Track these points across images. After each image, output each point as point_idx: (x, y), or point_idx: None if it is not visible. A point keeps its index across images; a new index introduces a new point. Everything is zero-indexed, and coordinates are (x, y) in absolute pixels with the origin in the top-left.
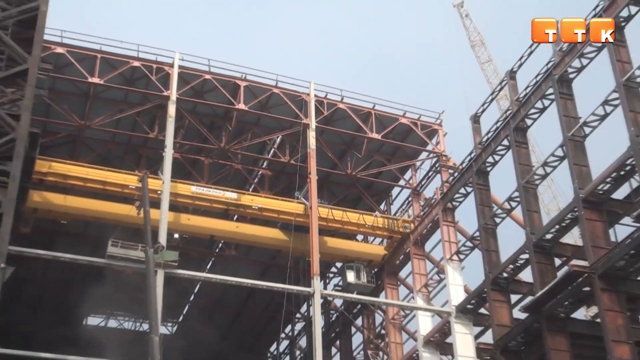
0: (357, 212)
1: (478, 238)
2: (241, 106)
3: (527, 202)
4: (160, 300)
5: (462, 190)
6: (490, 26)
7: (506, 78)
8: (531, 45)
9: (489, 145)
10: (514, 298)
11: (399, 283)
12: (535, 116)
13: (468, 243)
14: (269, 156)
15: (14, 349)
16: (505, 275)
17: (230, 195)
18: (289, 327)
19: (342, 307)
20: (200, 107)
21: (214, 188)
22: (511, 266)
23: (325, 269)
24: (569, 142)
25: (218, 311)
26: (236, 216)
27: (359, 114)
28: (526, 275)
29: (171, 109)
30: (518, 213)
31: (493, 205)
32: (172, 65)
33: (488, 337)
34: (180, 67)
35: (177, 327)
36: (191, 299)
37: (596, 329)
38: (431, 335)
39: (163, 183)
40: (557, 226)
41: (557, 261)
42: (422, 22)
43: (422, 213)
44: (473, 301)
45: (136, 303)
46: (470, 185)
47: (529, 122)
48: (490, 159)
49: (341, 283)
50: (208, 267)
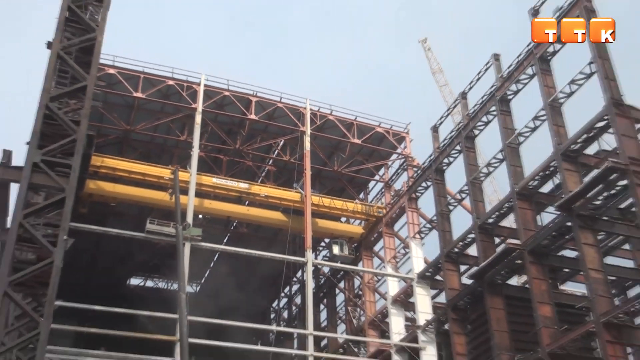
0: (342, 200)
1: (435, 221)
2: (252, 116)
3: (474, 194)
4: (186, 266)
5: (424, 184)
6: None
7: (459, 98)
8: (479, 72)
9: (445, 149)
10: (463, 268)
11: (373, 255)
12: (481, 127)
13: (427, 225)
14: (274, 156)
15: (74, 303)
16: (456, 250)
17: (243, 185)
18: (287, 289)
19: (329, 273)
20: (220, 117)
21: (230, 180)
22: (461, 243)
23: (316, 244)
24: (507, 148)
25: (232, 275)
26: (247, 202)
27: (344, 124)
28: (472, 250)
29: (197, 118)
30: (467, 202)
31: (447, 196)
32: (199, 84)
33: (442, 298)
34: (205, 86)
35: (200, 287)
36: (211, 266)
37: (525, 293)
38: (398, 295)
39: (190, 175)
40: (497, 213)
41: (497, 240)
42: (401, 50)
43: (392, 201)
44: (430, 270)
45: (168, 268)
46: (430, 180)
47: (476, 132)
48: (445, 160)
49: (328, 254)
50: (225, 241)
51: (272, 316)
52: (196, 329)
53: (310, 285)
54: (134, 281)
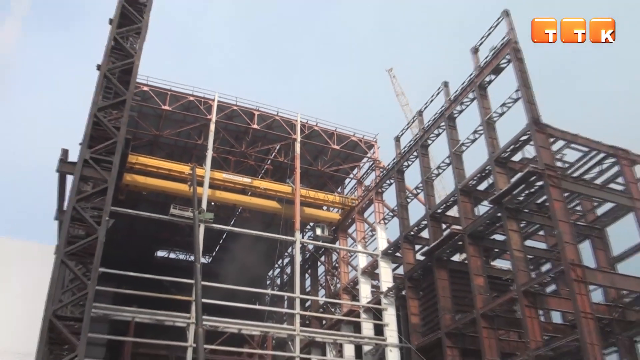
0: (323, 193)
1: (396, 210)
2: (255, 126)
3: (427, 190)
4: (201, 242)
5: (388, 181)
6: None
7: (417, 115)
8: (432, 95)
9: (405, 155)
10: (417, 247)
11: (347, 236)
12: (433, 138)
13: (390, 213)
14: (271, 157)
15: (113, 270)
16: (412, 233)
17: (246, 180)
18: (280, 261)
19: (313, 250)
20: (229, 126)
21: (237, 175)
22: (416, 228)
23: (303, 226)
24: (453, 155)
25: (237, 250)
26: (250, 192)
27: (327, 133)
28: (425, 233)
29: (212, 127)
30: (421, 196)
31: (406, 191)
32: (214, 100)
33: (400, 270)
34: (218, 102)
35: (212, 259)
36: (220, 242)
37: (465, 267)
38: (366, 268)
39: (205, 171)
40: (444, 205)
41: (444, 226)
42: (374, 77)
43: (363, 194)
44: (392, 248)
45: (187, 243)
46: (392, 178)
47: (430, 142)
48: (405, 163)
49: (312, 235)
50: (232, 223)
51: (268, 282)
52: (208, 292)
53: (298, 258)
54: (160, 253)
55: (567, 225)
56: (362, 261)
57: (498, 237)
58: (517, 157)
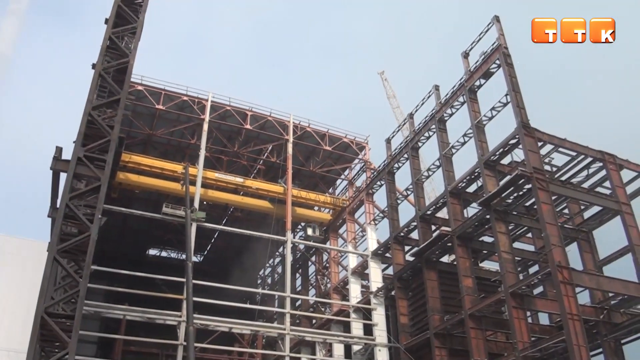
0: (315, 193)
1: (387, 211)
2: (248, 126)
3: (417, 191)
4: (193, 240)
5: (378, 182)
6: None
7: (407, 117)
8: (423, 98)
9: (395, 156)
10: (407, 248)
11: (338, 236)
12: (423, 141)
13: (380, 214)
14: (264, 157)
15: (106, 268)
16: (402, 234)
17: (239, 179)
18: (271, 260)
19: (304, 249)
20: (222, 126)
21: (229, 175)
22: (406, 229)
23: (294, 226)
24: (443, 157)
25: (229, 249)
26: (242, 192)
27: (319, 134)
28: (414, 234)
29: (205, 127)
30: (411, 198)
31: (396, 192)
32: (207, 100)
33: (390, 271)
34: (211, 102)
35: (203, 257)
36: (212, 241)
37: (454, 268)
38: (356, 268)
39: (198, 170)
40: (434, 206)
41: (433, 227)
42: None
43: (354, 195)
44: (382, 249)
45: (179, 241)
46: (383, 180)
47: (420, 144)
48: (396, 165)
49: (303, 235)
50: (223, 222)
51: (259, 281)
52: (199, 290)
53: (289, 258)
54: (152, 251)
55: (555, 227)
56: (353, 261)
57: (487, 239)
58: (506, 160)
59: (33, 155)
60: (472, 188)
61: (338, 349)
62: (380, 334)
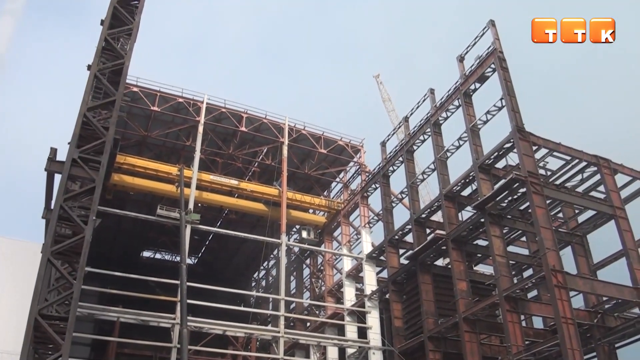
0: (310, 196)
1: (381, 214)
2: (243, 129)
3: (412, 195)
4: (187, 242)
5: (373, 185)
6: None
7: (403, 121)
8: (418, 102)
9: (390, 160)
10: (401, 251)
11: (333, 239)
12: (418, 144)
13: (375, 217)
14: (259, 159)
15: (99, 269)
16: (396, 237)
17: (233, 182)
18: (266, 263)
19: (298, 252)
20: (218, 128)
21: (224, 177)
22: (400, 232)
23: (289, 229)
24: (438, 161)
25: (223, 251)
26: (237, 194)
27: (314, 137)
28: (409, 237)
29: (200, 129)
30: (406, 201)
31: (391, 195)
32: (202, 102)
33: (384, 274)
34: (207, 104)
35: (198, 260)
36: (207, 243)
37: (448, 272)
38: (350, 271)
39: (193, 172)
40: (429, 210)
41: (428, 230)
42: (363, 83)
43: (348, 198)
44: (376, 252)
45: (173, 244)
46: (378, 183)
47: (415, 148)
48: (391, 168)
49: (298, 237)
50: (218, 224)
51: (253, 284)
52: (193, 293)
53: (283, 261)
54: (146, 253)
55: (549, 231)
56: (347, 264)
57: (481, 243)
58: (501, 164)
59: (28, 155)
60: (467, 191)
61: (332, 352)
62: (374, 337)
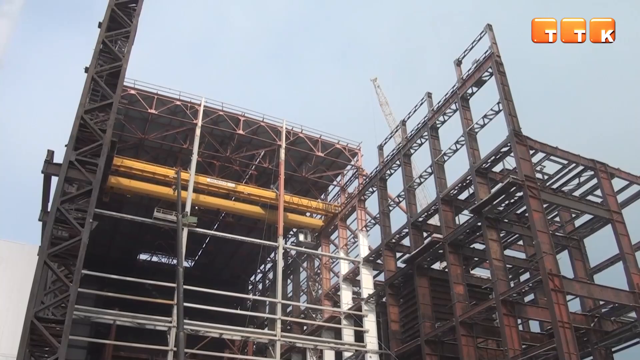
0: (307, 199)
1: (378, 218)
2: (240, 132)
3: (409, 198)
4: (184, 245)
5: (370, 189)
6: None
7: (400, 124)
8: (415, 105)
9: (388, 163)
10: (398, 255)
11: (330, 242)
12: (416, 148)
13: (372, 221)
14: (256, 162)
15: (96, 272)
16: (393, 240)
17: (230, 184)
18: (263, 266)
19: (295, 255)
20: (215, 131)
21: (221, 180)
22: (397, 235)
23: (286, 232)
24: (435, 164)
25: (220, 254)
26: (234, 197)
27: (311, 140)
28: (406, 241)
29: (197, 131)
30: (403, 204)
31: (388, 199)
32: (200, 105)
33: (381, 277)
34: (204, 107)
35: (194, 263)
36: (204, 246)
37: (445, 275)
38: (347, 274)
39: (190, 175)
40: (426, 213)
41: (425, 234)
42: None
43: (346, 201)
44: (373, 255)
45: (170, 246)
46: (375, 186)
47: (412, 151)
48: (388, 172)
49: (295, 240)
50: (215, 227)
51: (250, 287)
52: (190, 296)
53: (280, 264)
54: (143, 256)
55: (546, 235)
56: (344, 268)
57: (478, 246)
58: (498, 168)
59: (24, 158)
60: (464, 195)
61: (329, 356)
62: (371, 341)
